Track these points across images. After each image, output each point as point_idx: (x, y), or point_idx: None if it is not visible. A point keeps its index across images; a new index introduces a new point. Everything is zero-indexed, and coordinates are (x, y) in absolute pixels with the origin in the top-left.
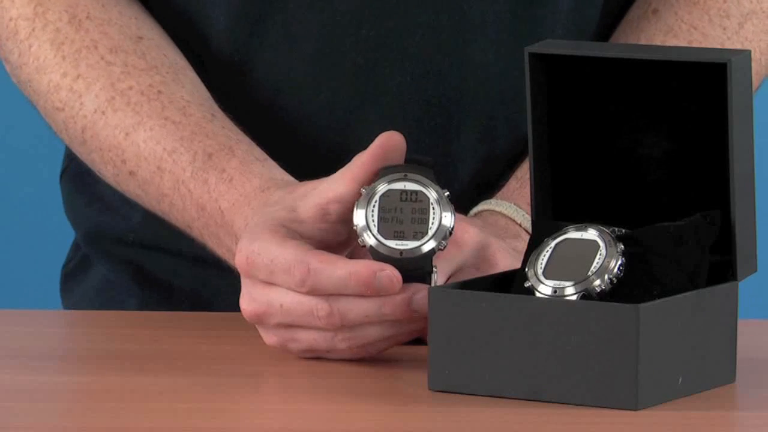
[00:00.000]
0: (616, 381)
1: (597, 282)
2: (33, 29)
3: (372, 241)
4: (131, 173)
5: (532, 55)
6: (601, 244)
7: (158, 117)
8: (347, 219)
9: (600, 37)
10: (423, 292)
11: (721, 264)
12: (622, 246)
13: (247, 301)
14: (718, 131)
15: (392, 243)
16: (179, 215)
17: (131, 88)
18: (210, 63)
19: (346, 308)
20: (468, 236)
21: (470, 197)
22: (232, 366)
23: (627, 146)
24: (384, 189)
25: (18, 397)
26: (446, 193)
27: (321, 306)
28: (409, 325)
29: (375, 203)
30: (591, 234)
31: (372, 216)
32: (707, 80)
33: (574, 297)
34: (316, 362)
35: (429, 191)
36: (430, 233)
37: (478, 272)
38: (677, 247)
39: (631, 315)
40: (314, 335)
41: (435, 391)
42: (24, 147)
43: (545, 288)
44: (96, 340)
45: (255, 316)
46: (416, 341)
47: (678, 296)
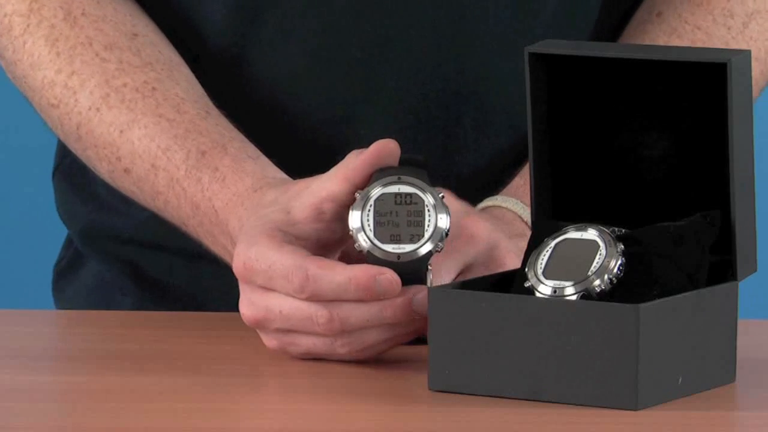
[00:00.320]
0: (616, 381)
1: (597, 282)
2: (28, 26)
3: (369, 246)
4: (126, 170)
5: (532, 55)
6: (601, 244)
7: (153, 114)
8: (342, 217)
9: (603, 29)
10: (423, 293)
11: (721, 264)
12: (622, 246)
13: (247, 306)
14: (718, 131)
15: (389, 247)
16: (174, 213)
17: (126, 85)
18: (206, 58)
19: (346, 314)
20: (478, 230)
21: (469, 193)
22: (232, 366)
23: (627, 146)
24: (378, 193)
25: (18, 397)
26: (440, 195)
27: (321, 313)
28: (409, 326)
29: (370, 207)
30: (591, 234)
31: (368, 220)
32: (707, 80)
33: (574, 297)
34: (316, 362)
35: (423, 193)
36: (427, 236)
37: (487, 271)
38: (677, 247)
39: (631, 315)
40: (313, 340)
41: (435, 391)
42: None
43: (545, 288)
44: (96, 340)
45: (255, 322)
46: (416, 341)
47: (678, 296)
